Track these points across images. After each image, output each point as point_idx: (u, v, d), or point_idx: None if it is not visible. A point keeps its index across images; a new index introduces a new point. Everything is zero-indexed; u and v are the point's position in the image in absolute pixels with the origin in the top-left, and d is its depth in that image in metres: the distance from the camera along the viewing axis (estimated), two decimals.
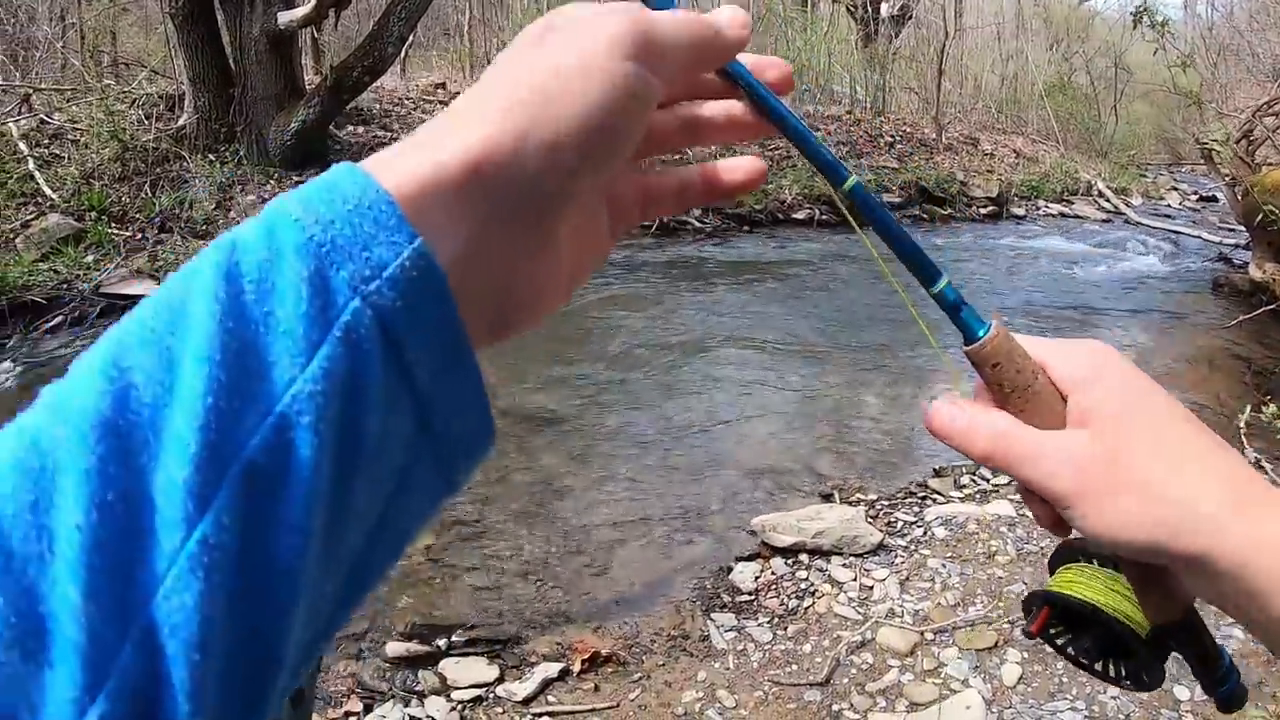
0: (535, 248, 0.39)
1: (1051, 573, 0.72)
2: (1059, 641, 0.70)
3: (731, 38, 0.45)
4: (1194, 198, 15.16)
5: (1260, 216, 6.85)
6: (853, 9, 18.08)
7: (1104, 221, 12.54)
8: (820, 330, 6.57)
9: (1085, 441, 0.49)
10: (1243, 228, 8.49)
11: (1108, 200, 13.54)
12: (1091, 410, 0.51)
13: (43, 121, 8.71)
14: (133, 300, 4.54)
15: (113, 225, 7.43)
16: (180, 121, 9.05)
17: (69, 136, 8.49)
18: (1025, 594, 0.74)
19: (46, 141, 8.40)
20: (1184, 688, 2.57)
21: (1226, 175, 8.14)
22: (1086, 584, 0.67)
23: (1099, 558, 0.68)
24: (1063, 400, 0.53)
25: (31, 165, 7.79)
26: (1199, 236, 10.63)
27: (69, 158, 8.09)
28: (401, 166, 0.34)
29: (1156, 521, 0.47)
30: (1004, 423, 0.52)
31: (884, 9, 17.79)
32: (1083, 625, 0.68)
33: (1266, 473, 4.12)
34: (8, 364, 5.68)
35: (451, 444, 0.36)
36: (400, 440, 0.32)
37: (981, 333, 0.55)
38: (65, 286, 6.51)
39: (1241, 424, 4.54)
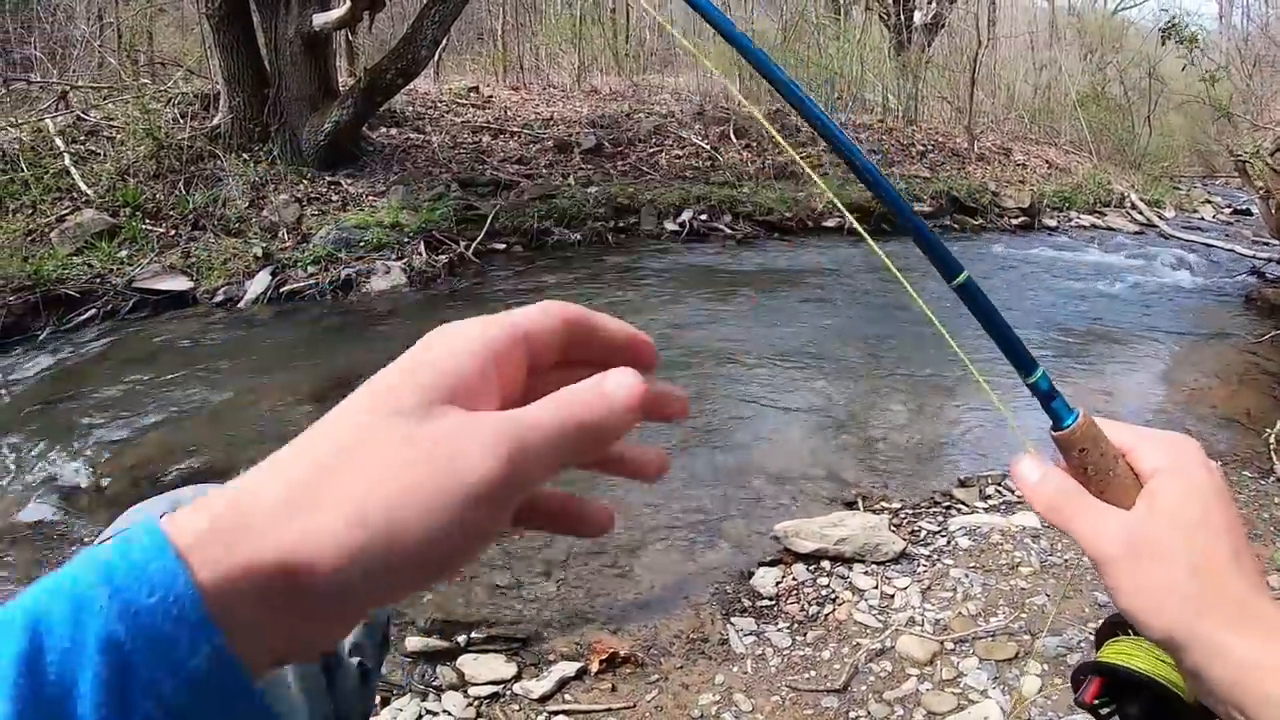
0: (357, 622, 0.37)
1: (1098, 646, 0.73)
2: (1103, 712, 0.73)
3: (621, 424, 0.42)
4: (1228, 211, 14.97)
5: None
6: (885, 17, 18.01)
7: (1136, 234, 12.41)
8: (848, 338, 6.55)
9: (1138, 521, 0.55)
10: (1276, 242, 8.39)
11: (1140, 212, 13.40)
12: (1156, 497, 0.56)
13: (79, 118, 8.84)
14: (165, 295, 4.60)
15: (147, 221, 7.54)
16: (215, 121, 9.16)
17: (105, 134, 8.61)
18: (1074, 666, 0.76)
19: (83, 138, 8.53)
20: None
21: (1260, 188, 8.05)
22: (1135, 654, 0.70)
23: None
24: (1139, 486, 0.58)
25: (68, 161, 7.92)
26: (1232, 250, 10.50)
27: (105, 154, 8.21)
28: (215, 553, 0.31)
29: (1167, 626, 0.53)
30: (1072, 484, 0.59)
31: (917, 17, 17.72)
32: (1130, 694, 0.71)
33: None
34: (41, 355, 5.76)
35: None
36: None
37: (1070, 421, 0.59)
38: (99, 280, 6.61)
39: (1273, 440, 4.49)
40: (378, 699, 2.63)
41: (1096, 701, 0.73)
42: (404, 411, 0.38)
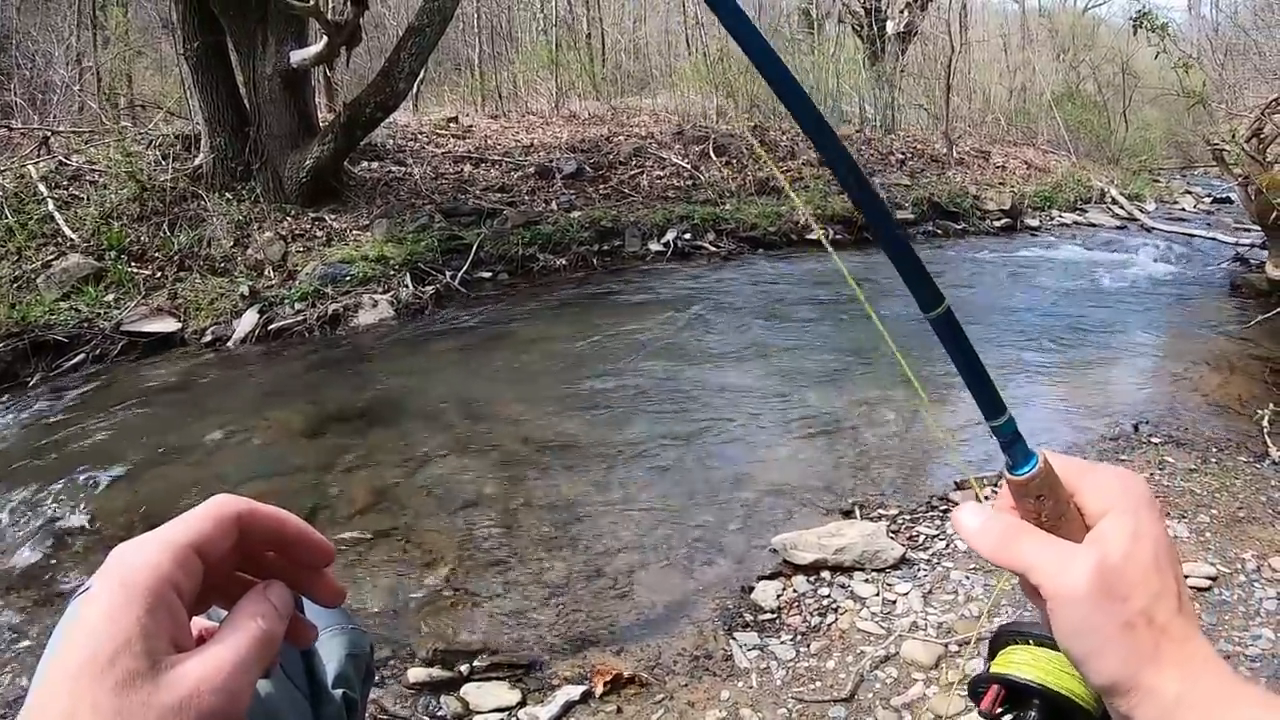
0: None
1: (992, 656, 0.75)
2: (1005, 719, 0.74)
3: (277, 640, 0.52)
4: (1208, 200, 15.10)
5: (1275, 214, 6.82)
6: (859, 28, 18.15)
7: (1118, 228, 12.49)
8: (837, 348, 6.56)
9: (1089, 559, 0.55)
10: (1258, 227, 8.44)
11: (1121, 207, 13.50)
12: (1107, 541, 0.56)
13: (61, 163, 8.84)
14: (153, 336, 4.60)
15: (132, 264, 7.52)
16: (197, 161, 9.17)
17: (88, 178, 8.61)
18: (971, 678, 0.77)
19: (65, 183, 8.52)
20: None
21: (1239, 175, 8.10)
22: (1034, 665, 0.72)
23: (1036, 639, 0.72)
24: (1086, 528, 0.58)
25: (51, 206, 7.90)
26: (1214, 238, 10.59)
27: (88, 198, 8.20)
28: None
29: (1113, 672, 0.54)
30: (1022, 522, 0.59)
31: (889, 27, 17.85)
32: (1028, 702, 0.73)
33: None
34: (31, 401, 5.73)
35: None
36: None
37: (1029, 467, 0.58)
38: (86, 325, 6.60)
39: (1265, 423, 4.50)
40: None
41: (1000, 710, 0.74)
42: (84, 666, 0.44)
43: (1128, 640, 0.53)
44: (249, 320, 7.05)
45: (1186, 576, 3.12)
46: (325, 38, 8.56)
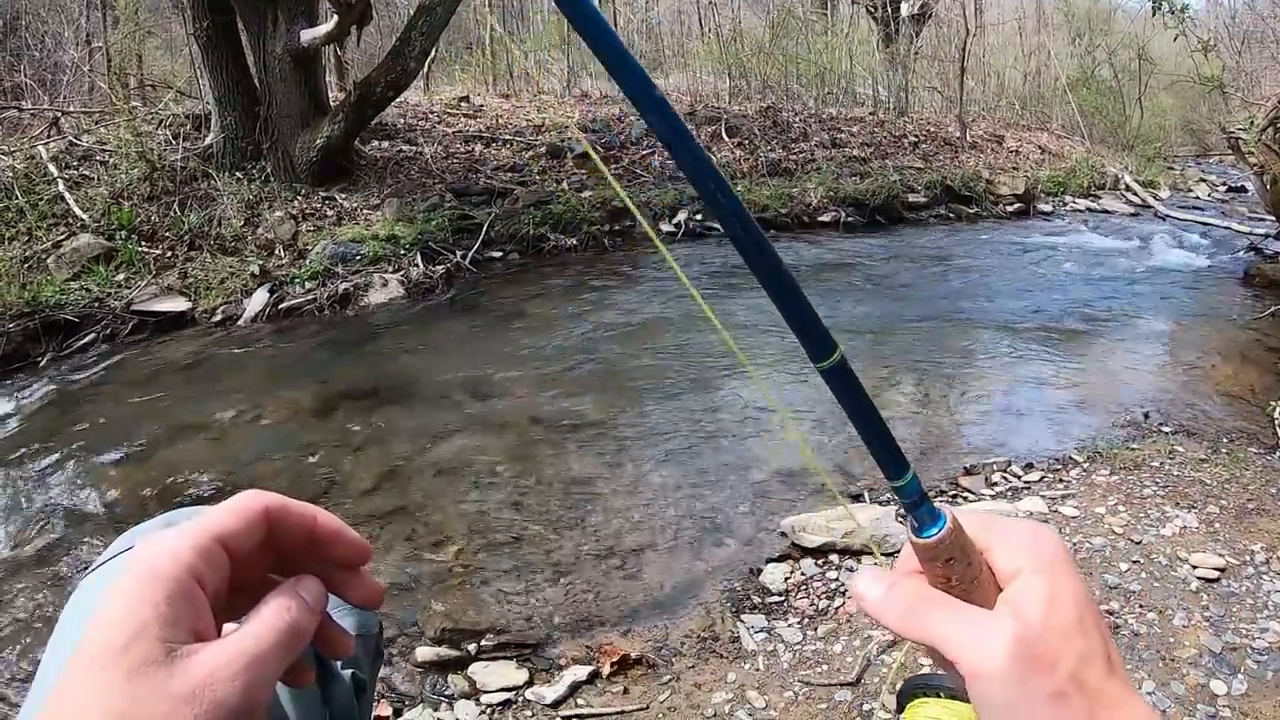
0: None
1: (900, 708, 0.75)
2: None
3: (306, 638, 0.50)
4: (1222, 188, 14.97)
5: None
6: (873, 10, 18.03)
7: (1132, 215, 12.40)
8: (848, 331, 6.54)
9: (1006, 629, 0.50)
10: (1273, 217, 8.39)
11: (1135, 194, 13.40)
12: (1023, 603, 0.51)
13: (72, 144, 8.85)
14: (163, 316, 4.63)
15: (143, 244, 7.54)
16: (207, 140, 9.17)
17: (98, 158, 8.62)
18: None
19: (76, 163, 8.54)
20: (1220, 682, 2.54)
21: (1255, 164, 8.04)
22: (941, 717, 0.71)
23: (945, 690, 0.71)
24: (999, 588, 0.54)
25: (61, 187, 7.92)
26: (1228, 227, 10.50)
27: (98, 178, 8.21)
28: None
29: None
30: (932, 590, 0.54)
31: (904, 9, 17.72)
32: None
33: None
34: (42, 381, 5.76)
35: None
36: None
37: (937, 529, 0.54)
38: (97, 304, 6.62)
39: (1276, 415, 4.48)
40: (390, 710, 2.63)
41: None
42: (100, 654, 0.44)
43: (1059, 712, 0.49)
44: (259, 299, 7.06)
45: (1195, 568, 3.12)
46: (336, 16, 8.54)
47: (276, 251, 7.87)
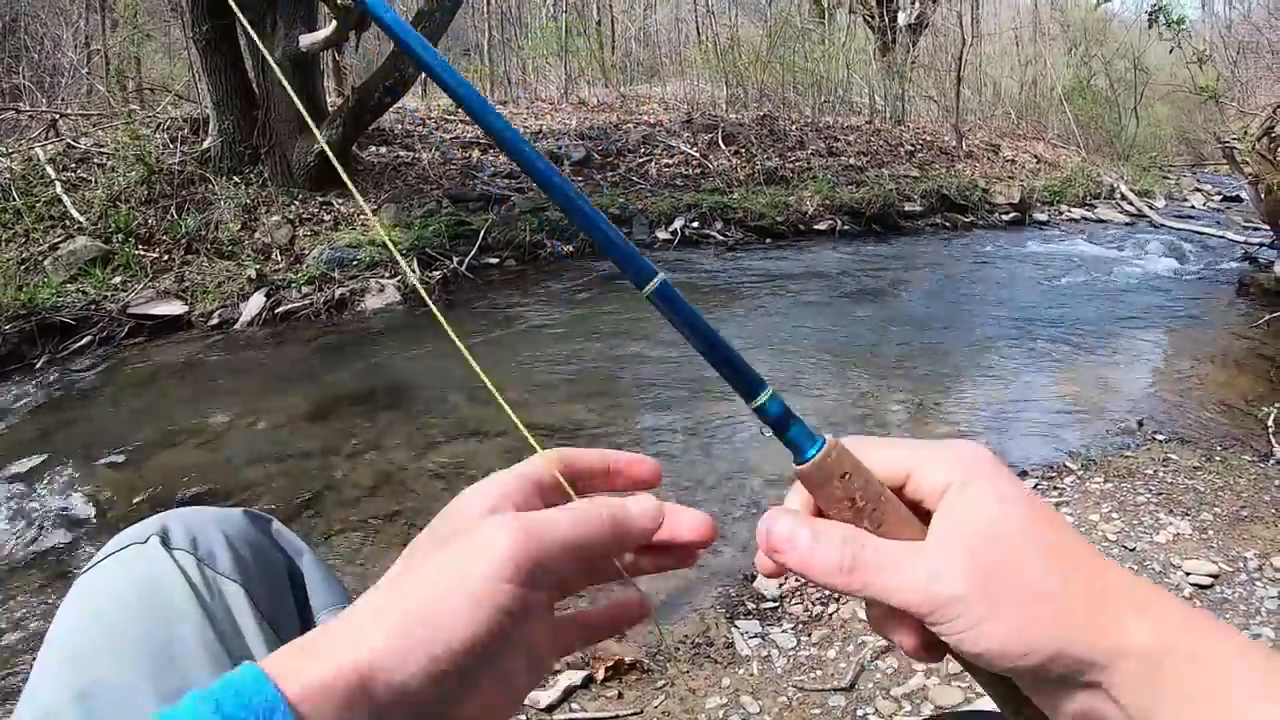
0: None
1: None
2: None
3: (639, 530, 0.50)
4: (1218, 198, 15.03)
5: None
6: (870, 19, 18.09)
7: (1127, 224, 12.45)
8: (844, 339, 6.56)
9: (959, 552, 0.44)
10: (1267, 227, 8.42)
11: (1131, 203, 13.45)
12: (961, 520, 0.46)
13: (69, 146, 8.86)
14: (160, 320, 4.60)
15: (140, 247, 7.54)
16: (205, 144, 9.18)
17: (95, 161, 8.62)
18: None
19: (73, 166, 8.54)
20: None
21: (1249, 174, 8.07)
22: None
23: None
24: (915, 516, 0.49)
25: (59, 189, 7.93)
26: (1223, 237, 10.54)
27: (96, 181, 8.22)
28: (299, 676, 0.38)
29: (1053, 627, 0.42)
30: (857, 533, 0.48)
31: (901, 18, 17.79)
32: None
33: None
34: (38, 384, 5.76)
35: None
36: None
37: (815, 450, 0.50)
38: (93, 307, 6.62)
39: (1271, 423, 4.50)
40: None
41: None
42: (439, 535, 0.47)
43: (1046, 607, 0.42)
44: (256, 303, 7.07)
45: (1188, 574, 3.13)
46: (334, 22, 8.56)
47: (273, 256, 7.88)
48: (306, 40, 8.86)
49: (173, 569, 0.79)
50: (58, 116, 9.47)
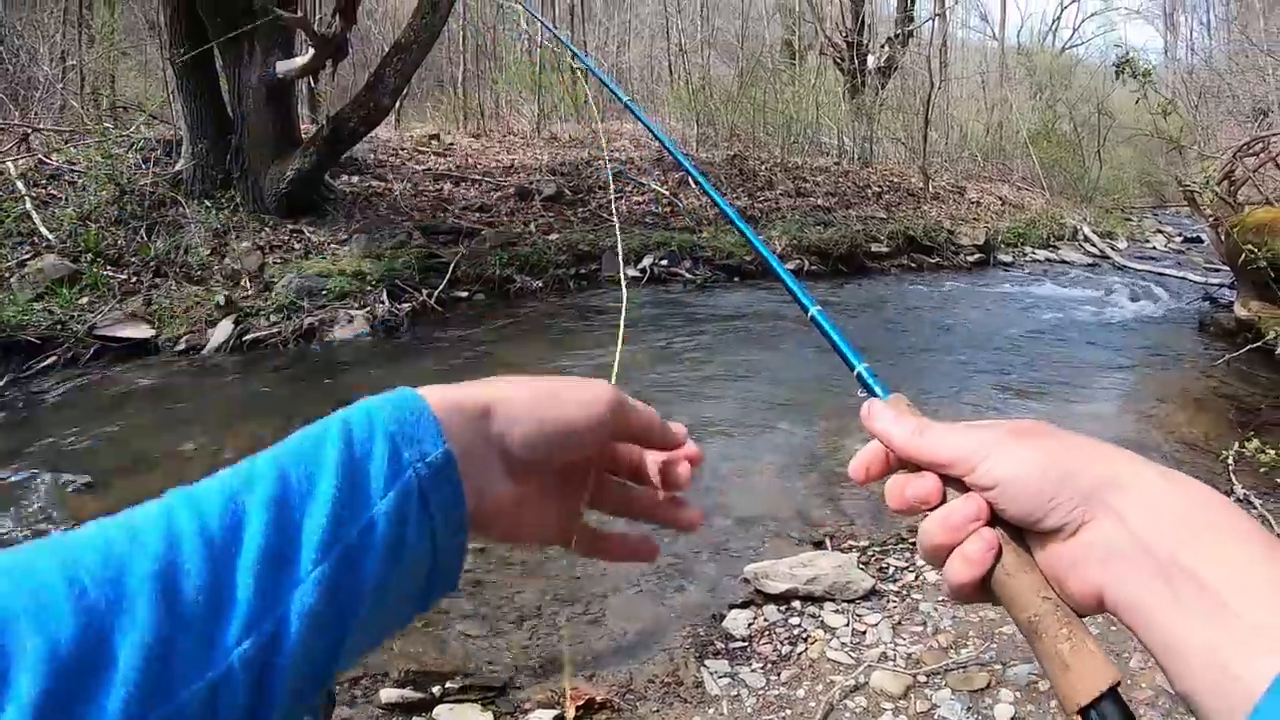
0: (500, 480, 0.55)
1: None
2: None
3: (670, 439, 0.67)
4: (1179, 239, 15.36)
5: (1243, 256, 6.95)
6: (839, 61, 18.37)
7: (1090, 266, 12.68)
8: (808, 379, 6.60)
9: (996, 428, 0.56)
10: (1227, 267, 8.61)
11: (1093, 245, 13.71)
12: (997, 428, 0.56)
13: (41, 162, 8.78)
14: (126, 342, 4.52)
15: (108, 268, 7.47)
16: (177, 166, 9.14)
17: (66, 178, 8.56)
18: None
19: (44, 182, 8.47)
20: None
21: (1210, 216, 8.26)
22: None
23: None
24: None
25: (29, 205, 7.85)
26: (1184, 278, 10.77)
27: (66, 199, 8.15)
28: (442, 395, 0.52)
29: (1075, 451, 0.52)
30: (923, 419, 0.61)
31: (870, 61, 18.09)
32: None
33: (1255, 509, 4.15)
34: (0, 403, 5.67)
35: (440, 577, 0.52)
36: (419, 560, 0.49)
37: (887, 395, 0.68)
38: (59, 327, 6.53)
39: (1230, 461, 4.58)
40: None
41: None
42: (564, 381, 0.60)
43: (1085, 449, 0.52)
44: (224, 330, 7.01)
45: None
46: (312, 49, 8.57)
47: (243, 282, 7.83)
48: (283, 66, 8.87)
49: None
50: (30, 130, 9.38)
